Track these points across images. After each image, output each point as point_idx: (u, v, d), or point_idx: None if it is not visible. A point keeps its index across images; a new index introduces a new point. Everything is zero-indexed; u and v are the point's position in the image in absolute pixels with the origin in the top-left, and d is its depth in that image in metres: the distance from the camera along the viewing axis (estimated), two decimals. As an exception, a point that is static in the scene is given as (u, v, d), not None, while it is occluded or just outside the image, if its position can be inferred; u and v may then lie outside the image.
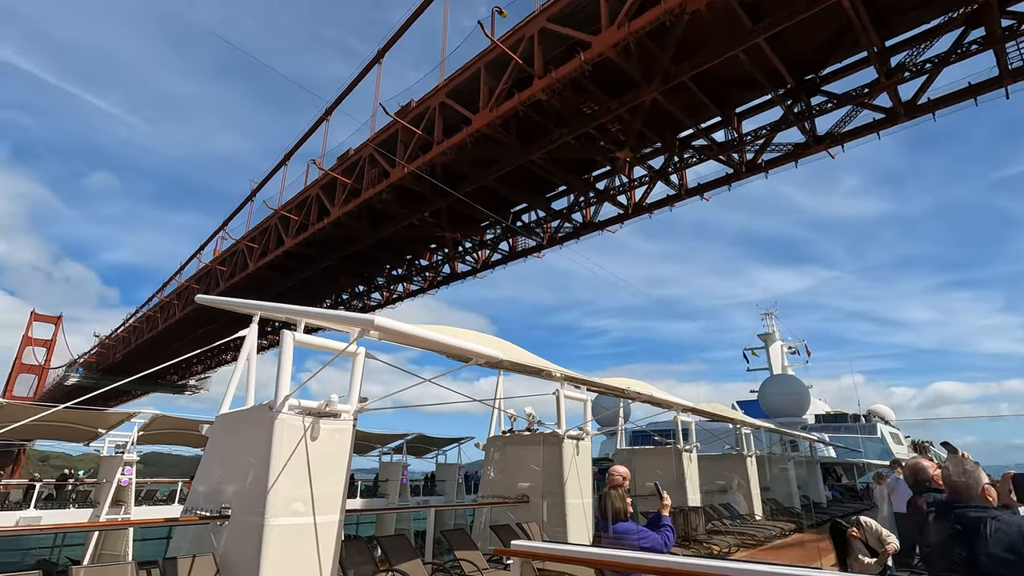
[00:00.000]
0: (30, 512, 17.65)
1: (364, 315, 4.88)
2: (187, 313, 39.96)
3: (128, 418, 17.97)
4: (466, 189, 22.04)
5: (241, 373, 6.54)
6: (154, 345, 49.21)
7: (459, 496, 27.28)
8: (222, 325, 39.41)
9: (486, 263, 29.67)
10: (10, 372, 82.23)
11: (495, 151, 19.99)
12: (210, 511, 5.43)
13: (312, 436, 5.33)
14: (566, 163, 21.62)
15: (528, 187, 24.12)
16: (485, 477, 10.54)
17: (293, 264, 31.53)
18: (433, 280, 32.61)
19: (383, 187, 22.45)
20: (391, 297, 35.50)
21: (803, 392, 41.39)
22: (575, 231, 25.77)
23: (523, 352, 8.23)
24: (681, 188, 21.65)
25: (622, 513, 4.35)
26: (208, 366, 59.02)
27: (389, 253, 30.94)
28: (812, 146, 17.84)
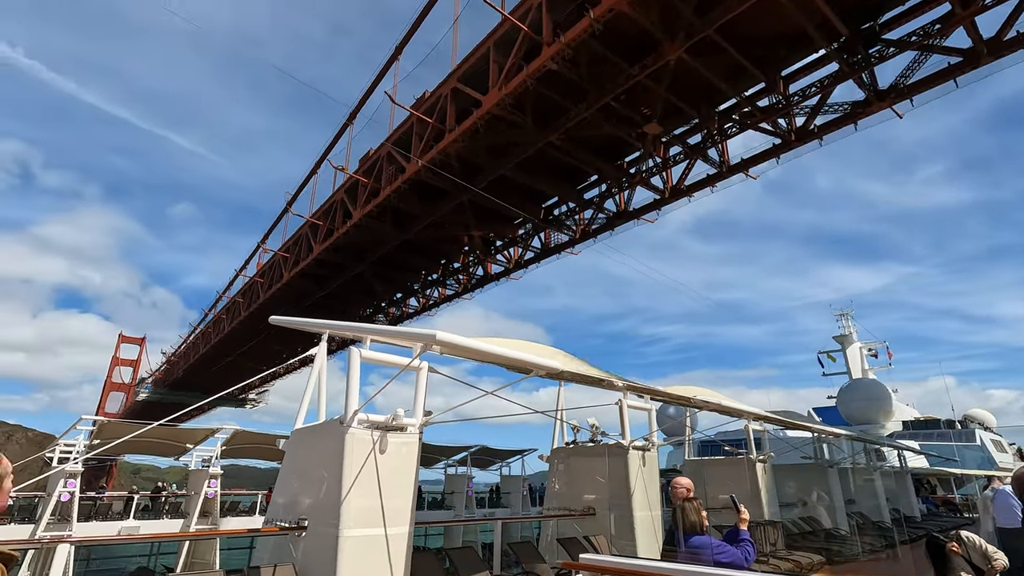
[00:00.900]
0: (130, 522, 19.08)
1: (426, 330, 5.00)
2: (235, 327, 41.62)
3: (212, 434, 19.13)
4: (484, 181, 21.04)
5: (312, 389, 6.81)
6: (210, 360, 51.68)
7: (524, 508, 27.18)
8: (269, 337, 40.91)
9: (519, 262, 28.32)
10: (102, 390, 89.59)
11: (510, 135, 18.84)
12: (289, 522, 5.68)
13: (381, 449, 5.48)
14: (590, 145, 20.04)
15: (555, 177, 22.75)
16: (550, 489, 10.46)
17: (325, 272, 31.35)
18: (467, 283, 31.59)
19: (399, 183, 21.67)
20: (427, 304, 34.71)
21: (886, 397, 38.59)
22: (609, 222, 23.95)
23: (582, 363, 8.16)
24: (723, 165, 19.62)
25: (698, 526, 4.20)
26: (265, 379, 61.10)
27: (419, 256, 30.13)
28: (874, 103, 15.50)
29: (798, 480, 14.15)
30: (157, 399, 66.30)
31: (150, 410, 68.32)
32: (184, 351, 59.65)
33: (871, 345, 46.65)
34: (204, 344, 50.71)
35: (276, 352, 47.31)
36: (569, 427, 10.41)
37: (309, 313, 34.98)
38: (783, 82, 16.84)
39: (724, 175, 19.83)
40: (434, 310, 34.92)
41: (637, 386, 8.87)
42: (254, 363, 50.95)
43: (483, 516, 25.00)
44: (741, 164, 19.32)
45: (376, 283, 32.08)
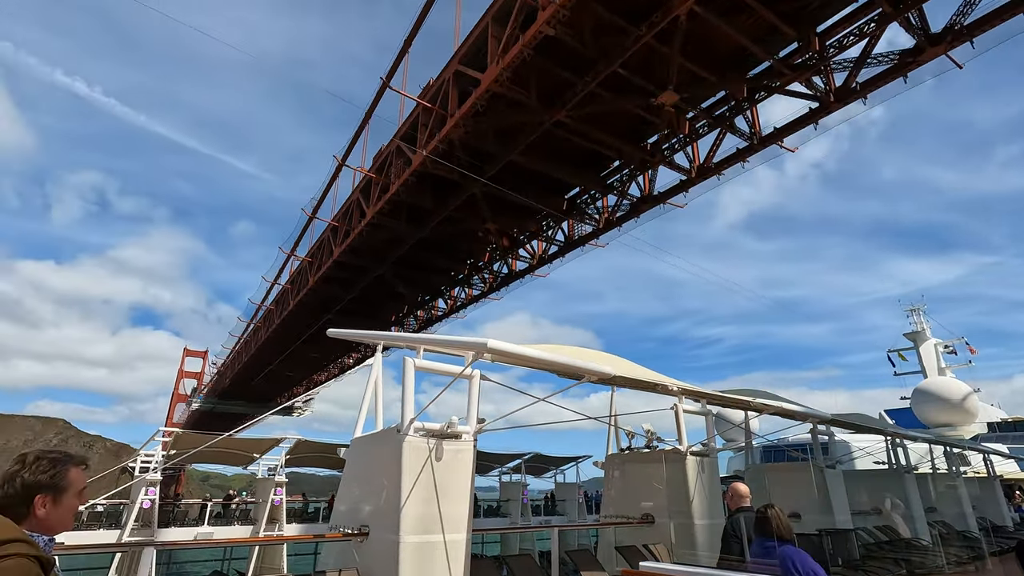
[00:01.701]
0: (204, 528, 20.12)
1: (477, 339, 5.07)
2: (270, 336, 42.20)
3: (276, 443, 19.97)
4: (494, 169, 19.87)
5: (369, 398, 7.00)
6: (253, 368, 52.81)
7: (580, 516, 26.89)
8: (305, 344, 41.25)
9: (542, 257, 26.91)
10: (170, 402, 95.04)
11: (514, 116, 17.60)
12: (351, 529, 5.85)
13: (437, 457, 5.58)
14: (607, 124, 18.56)
15: (575, 165, 21.37)
16: (606, 496, 10.32)
17: (346, 275, 30.60)
18: (492, 282, 30.30)
19: (405, 177, 20.64)
20: (455, 305, 33.76)
21: (967, 397, 35.92)
22: (633, 208, 22.10)
23: (635, 366, 8.04)
24: (753, 136, 17.65)
25: (789, 533, 4.05)
26: (307, 388, 62.16)
27: (441, 255, 28.93)
28: (926, 49, 13.36)
29: (871, 487, 13.36)
30: (209, 408, 69.06)
31: (206, 419, 71.50)
32: (230, 361, 61.38)
33: (948, 342, 43.58)
34: (245, 354, 51.86)
35: (313, 359, 48.15)
36: (623, 433, 10.26)
37: (339, 318, 35.24)
38: (819, 39, 15.14)
39: (755, 148, 17.81)
40: (463, 311, 33.79)
41: (693, 390, 8.65)
42: (292, 370, 52.20)
43: (539, 524, 24.89)
44: (774, 134, 17.34)
45: (400, 285, 31.12)
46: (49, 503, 1.86)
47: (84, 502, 2.02)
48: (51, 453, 1.96)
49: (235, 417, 71.25)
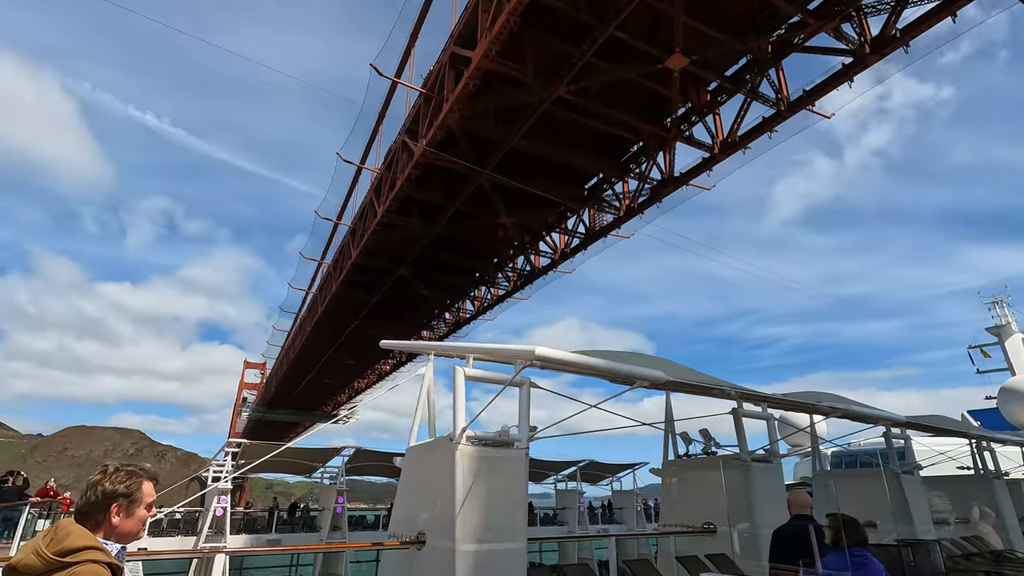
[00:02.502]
0: (272, 535, 20.96)
1: (525, 346, 5.07)
2: (304, 344, 42.72)
3: (337, 452, 20.61)
4: (498, 157, 18.82)
5: (422, 407, 7.11)
6: (295, 376, 53.40)
7: (639, 524, 26.32)
8: (339, 351, 41.46)
9: (564, 252, 25.55)
10: (232, 413, 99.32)
11: (512, 95, 16.55)
12: (408, 537, 5.94)
13: (490, 465, 5.59)
14: (613, 99, 17.24)
15: (586, 147, 20.12)
16: (665, 504, 10.05)
17: (367, 278, 30.10)
18: (516, 281, 29.26)
19: (408, 171, 19.91)
20: (482, 306, 32.81)
21: (1064, 395, 32.84)
22: (654, 193, 20.61)
23: (689, 370, 7.82)
24: (780, 102, 15.97)
25: (867, 542, 3.88)
26: (350, 395, 62.46)
27: (460, 255, 27.80)
28: None
29: (955, 494, 12.42)
30: (258, 417, 71.46)
31: (258, 428, 74.14)
32: (273, 371, 63.02)
33: (1039, 335, 39.99)
34: (286, 363, 52.87)
35: (349, 367, 48.29)
36: (680, 438, 9.97)
37: (367, 323, 35.26)
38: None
39: (783, 115, 16.09)
40: (490, 312, 32.94)
41: (752, 393, 8.32)
42: (332, 378, 52.69)
43: (597, 532, 24.51)
44: (803, 98, 15.66)
45: (422, 287, 30.22)
46: (123, 512, 2.00)
47: (153, 514, 2.16)
48: (128, 466, 2.11)
49: (284, 426, 73.69)
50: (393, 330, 37.13)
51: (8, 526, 14.21)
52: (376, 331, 36.32)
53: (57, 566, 1.70)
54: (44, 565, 1.69)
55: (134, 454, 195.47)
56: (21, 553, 1.72)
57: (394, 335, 37.78)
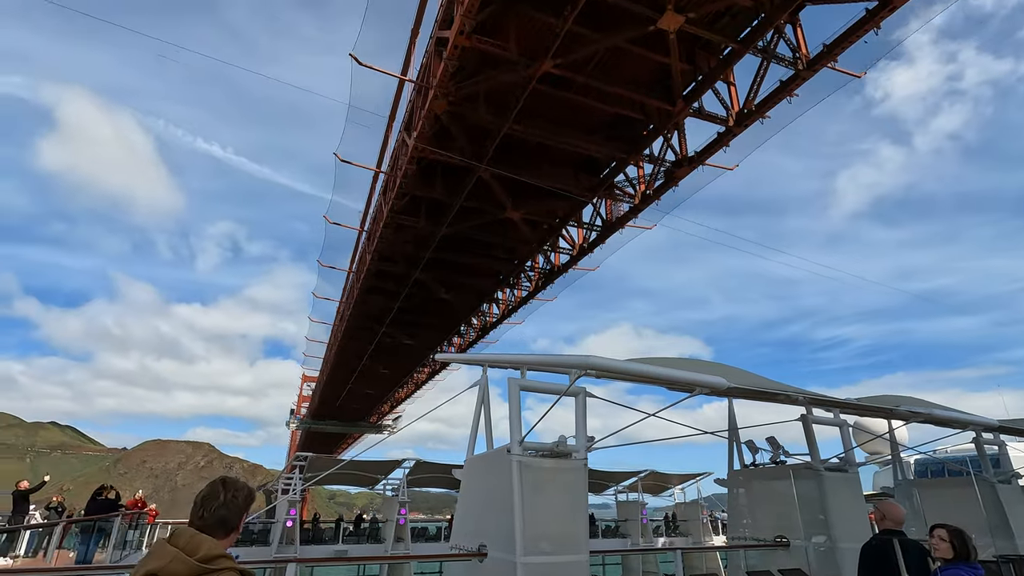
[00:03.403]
0: (339, 546, 21.57)
1: (579, 356, 5.03)
2: (338, 354, 42.77)
3: (398, 465, 21.04)
4: (493, 144, 17.70)
5: (477, 418, 7.15)
6: (336, 385, 53.43)
7: (705, 536, 25.39)
8: (372, 358, 40.99)
9: (583, 247, 24.05)
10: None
11: (497, 77, 15.52)
12: (470, 549, 5.98)
13: (548, 476, 5.56)
14: (611, 72, 15.93)
15: (593, 132, 18.65)
16: (732, 516, 9.65)
17: (385, 284, 29.47)
18: (538, 281, 27.98)
19: (404, 167, 19.09)
20: (507, 309, 31.63)
21: None
22: (668, 176, 19.02)
23: (752, 375, 7.52)
24: (798, 60, 14.43)
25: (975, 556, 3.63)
26: (392, 405, 62.68)
27: (477, 255, 26.65)
28: None
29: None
30: (306, 429, 73.27)
31: (313, 440, 76.16)
32: (317, 382, 63.42)
33: None
34: (325, 374, 53.15)
35: (384, 375, 48.02)
36: (746, 447, 9.57)
37: (393, 330, 34.68)
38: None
39: (803, 76, 14.46)
40: (516, 315, 31.88)
41: (822, 398, 7.91)
42: (371, 387, 52.82)
43: (662, 545, 23.83)
44: (823, 53, 14.01)
45: (441, 291, 29.27)
46: (241, 523, 2.14)
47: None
48: (241, 481, 2.24)
49: (336, 437, 75.15)
50: (422, 338, 37.00)
51: (102, 536, 15.30)
52: (405, 339, 36.64)
53: (200, 572, 1.82)
54: (188, 571, 1.80)
55: (204, 466, 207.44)
56: (157, 561, 1.82)
57: (423, 343, 37.93)
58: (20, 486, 15.72)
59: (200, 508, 2.05)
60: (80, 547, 14.57)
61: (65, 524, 14.49)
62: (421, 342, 38.05)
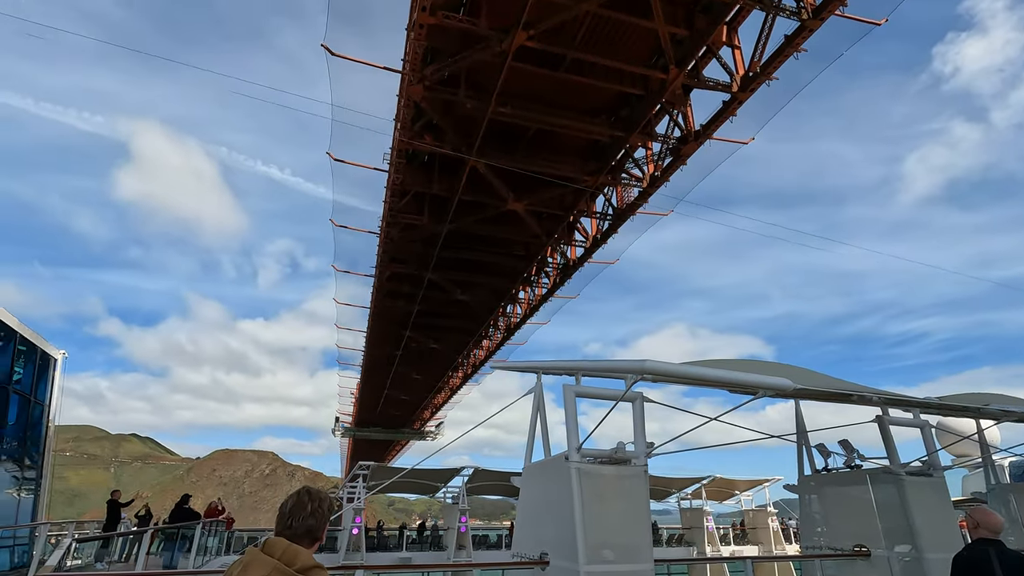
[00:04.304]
0: (403, 553, 22.00)
1: (635, 361, 4.95)
2: (369, 360, 43.05)
3: (457, 472, 21.29)
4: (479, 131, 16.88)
5: (533, 426, 7.14)
6: (375, 391, 53.84)
7: (777, 545, 24.28)
8: (403, 364, 41.08)
9: (596, 239, 22.92)
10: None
11: (472, 56, 14.70)
12: (532, 557, 5.96)
13: (608, 483, 5.49)
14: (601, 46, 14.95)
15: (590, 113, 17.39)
16: (804, 524, 9.18)
17: (400, 288, 29.13)
18: (555, 278, 26.75)
19: (392, 160, 18.45)
20: (529, 309, 30.60)
21: None
22: (674, 154, 17.78)
23: (819, 375, 7.17)
24: (802, 9, 13.22)
25: None
26: (433, 411, 63.17)
27: (488, 252, 25.75)
28: None
29: None
30: (351, 436, 74.61)
31: (364, 448, 77.71)
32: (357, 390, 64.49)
33: None
34: (362, 381, 53.95)
35: (417, 381, 48.07)
36: (816, 451, 9.10)
37: (416, 334, 34.62)
38: None
39: (810, 27, 13.23)
40: (539, 315, 30.92)
41: (899, 398, 7.44)
42: (407, 394, 53.05)
43: (730, 554, 22.96)
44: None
45: (457, 292, 28.50)
46: (323, 534, 2.21)
47: None
48: (323, 491, 2.31)
49: (384, 444, 76.35)
50: (448, 342, 36.77)
51: (185, 542, 16.26)
52: (431, 343, 36.52)
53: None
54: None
55: (269, 474, 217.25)
56: (257, 571, 1.90)
57: (449, 347, 37.76)
58: (115, 496, 16.95)
59: (288, 518, 2.10)
60: (165, 553, 15.54)
61: (152, 532, 15.47)
62: (447, 346, 37.82)
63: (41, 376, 13.68)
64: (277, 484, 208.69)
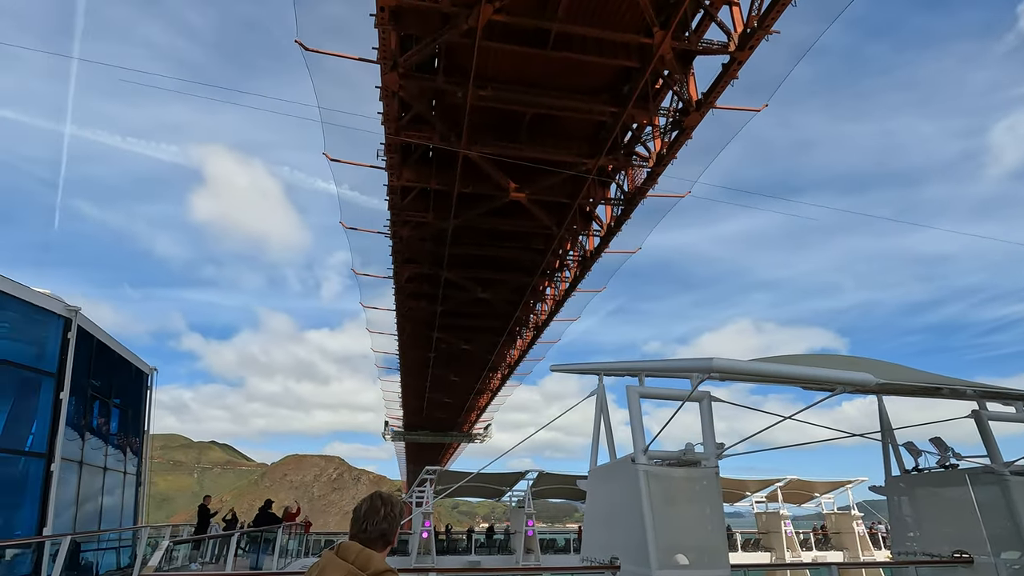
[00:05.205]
0: (472, 557, 22.26)
1: (702, 359, 4.81)
2: (405, 363, 43.72)
3: (522, 476, 21.34)
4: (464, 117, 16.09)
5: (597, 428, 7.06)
6: (417, 396, 54.46)
7: (864, 550, 22.84)
8: (438, 365, 40.97)
9: (611, 228, 21.72)
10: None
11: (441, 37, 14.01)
12: (602, 561, 5.89)
13: (678, 486, 5.36)
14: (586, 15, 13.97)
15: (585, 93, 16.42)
16: (896, 528, 8.58)
17: (420, 288, 28.81)
18: (576, 272, 25.67)
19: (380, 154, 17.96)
20: (555, 304, 29.68)
21: None
22: (678, 128, 16.65)
23: (903, 368, 6.72)
24: None
25: None
26: (478, 414, 63.25)
27: (497, 248, 24.80)
28: None
29: None
30: (400, 439, 75.61)
31: (417, 451, 78.85)
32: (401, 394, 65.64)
33: None
34: (403, 386, 54.50)
35: (455, 383, 47.94)
36: (904, 449, 8.50)
37: (444, 334, 34.30)
38: None
39: None
40: (569, 311, 30.14)
41: (999, 391, 6.85)
42: (447, 396, 53.06)
43: (812, 560, 21.81)
44: None
45: (477, 289, 27.71)
46: (396, 538, 2.28)
47: None
48: (396, 496, 2.38)
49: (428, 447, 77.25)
50: (479, 342, 36.37)
51: (268, 545, 17.16)
52: (462, 344, 36.24)
53: None
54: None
55: (336, 478, 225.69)
56: (334, 574, 1.98)
57: (481, 346, 37.23)
58: (206, 502, 18.18)
59: (363, 522, 2.16)
60: (251, 555, 16.45)
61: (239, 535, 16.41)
62: (479, 346, 37.55)
63: (137, 390, 14.86)
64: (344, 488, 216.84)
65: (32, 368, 10.34)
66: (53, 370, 10.40)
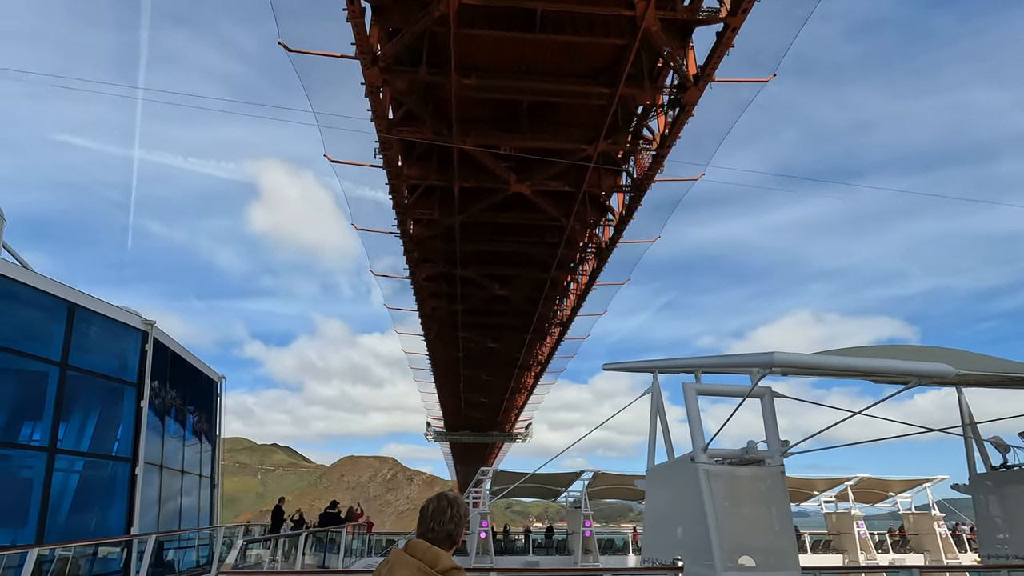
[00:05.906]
0: (530, 557, 22.31)
1: (762, 353, 4.65)
2: (434, 364, 43.26)
3: (577, 476, 21.23)
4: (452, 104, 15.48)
5: (654, 427, 6.94)
6: (453, 397, 54.08)
7: (947, 553, 21.43)
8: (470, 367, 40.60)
9: (622, 217, 20.91)
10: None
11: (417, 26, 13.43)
12: (664, 562, 5.79)
13: (741, 485, 5.20)
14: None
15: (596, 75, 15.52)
16: (984, 530, 8.01)
17: (438, 287, 28.25)
18: (595, 264, 24.71)
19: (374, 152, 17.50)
20: (577, 299, 28.69)
21: None
22: (678, 105, 15.69)
23: (983, 358, 6.27)
24: None
25: None
26: (517, 413, 62.49)
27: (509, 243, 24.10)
28: None
29: None
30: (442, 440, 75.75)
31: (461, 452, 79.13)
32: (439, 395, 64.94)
33: None
34: (437, 387, 54.20)
35: (488, 383, 47.33)
36: (990, 445, 7.92)
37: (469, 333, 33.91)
38: None
39: None
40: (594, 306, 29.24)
41: (1097, 380, 6.27)
42: (483, 396, 52.49)
43: (890, 563, 20.66)
44: None
45: (494, 286, 27.02)
46: (460, 537, 2.34)
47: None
48: (460, 497, 2.43)
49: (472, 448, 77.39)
50: (505, 339, 35.79)
51: (333, 544, 17.79)
52: (489, 342, 35.86)
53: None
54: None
55: (390, 479, 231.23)
56: (402, 571, 2.05)
57: (508, 344, 36.55)
58: (280, 503, 19.15)
59: (430, 521, 2.20)
60: (318, 554, 17.09)
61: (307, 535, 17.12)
62: (506, 344, 36.97)
63: (209, 397, 15.76)
64: (398, 488, 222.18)
65: (116, 379, 11.16)
66: (134, 380, 11.19)
